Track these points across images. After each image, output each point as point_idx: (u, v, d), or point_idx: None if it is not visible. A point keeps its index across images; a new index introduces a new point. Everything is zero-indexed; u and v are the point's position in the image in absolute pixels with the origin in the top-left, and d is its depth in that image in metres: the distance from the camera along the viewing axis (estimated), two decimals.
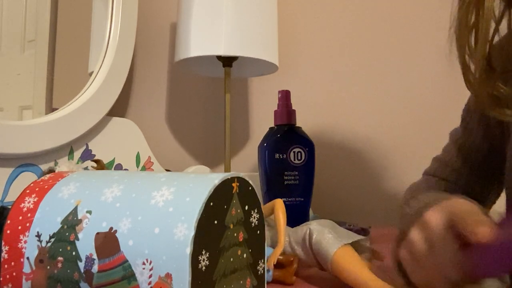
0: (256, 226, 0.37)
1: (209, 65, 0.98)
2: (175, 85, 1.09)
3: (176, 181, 0.33)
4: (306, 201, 0.71)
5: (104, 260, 0.31)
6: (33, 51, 0.72)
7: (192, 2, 0.85)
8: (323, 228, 0.46)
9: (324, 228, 0.46)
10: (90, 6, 0.83)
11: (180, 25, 0.88)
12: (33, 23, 0.72)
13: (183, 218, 0.30)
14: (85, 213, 0.34)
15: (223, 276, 0.32)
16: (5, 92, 0.68)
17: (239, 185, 0.34)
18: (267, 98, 1.06)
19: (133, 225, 0.31)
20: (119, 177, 0.36)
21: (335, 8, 1.04)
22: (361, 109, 1.02)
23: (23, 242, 0.35)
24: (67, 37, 0.78)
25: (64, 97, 0.74)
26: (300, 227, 0.49)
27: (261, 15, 0.86)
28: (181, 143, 1.08)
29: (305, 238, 0.47)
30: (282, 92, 0.73)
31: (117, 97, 0.80)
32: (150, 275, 0.29)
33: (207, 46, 0.83)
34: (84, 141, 0.75)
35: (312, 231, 0.46)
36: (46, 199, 0.36)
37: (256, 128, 1.07)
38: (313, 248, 0.46)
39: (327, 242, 0.44)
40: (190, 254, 0.28)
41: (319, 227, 0.46)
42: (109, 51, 0.81)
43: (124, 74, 0.82)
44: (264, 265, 0.38)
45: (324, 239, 0.45)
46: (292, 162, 0.69)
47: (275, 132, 0.71)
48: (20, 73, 0.70)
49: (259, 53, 0.85)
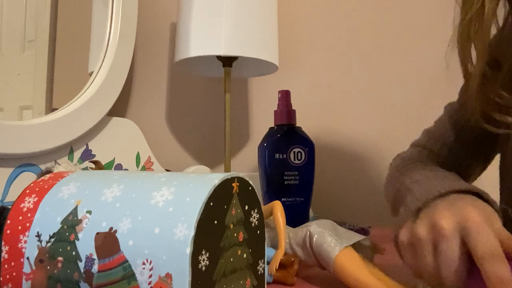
0: (256, 226, 0.37)
1: (209, 65, 0.98)
2: (175, 85, 1.09)
3: (176, 181, 0.33)
4: (306, 201, 0.71)
5: (104, 260, 0.31)
6: (33, 51, 0.72)
7: (192, 2, 0.85)
8: (323, 231, 0.46)
9: (324, 230, 0.46)
10: (90, 6, 0.83)
11: (180, 25, 0.88)
12: (33, 23, 0.72)
13: (183, 218, 0.30)
14: (85, 213, 0.34)
15: (223, 276, 0.32)
16: (5, 92, 0.68)
17: (239, 185, 0.34)
18: (267, 98, 1.06)
19: (133, 225, 0.31)
20: (119, 177, 0.36)
21: (335, 8, 1.04)
22: (361, 109, 1.02)
23: (23, 242, 0.35)
24: (67, 37, 0.78)
25: (64, 97, 0.74)
26: (300, 229, 0.49)
27: (261, 15, 0.86)
28: (181, 143, 1.08)
29: (305, 240, 0.47)
30: (282, 92, 0.73)
31: (117, 97, 0.80)
32: (150, 275, 0.29)
33: (207, 46, 0.83)
34: (84, 141, 0.75)
35: (312, 233, 0.46)
36: (46, 199, 0.36)
37: (256, 128, 1.07)
38: (314, 251, 0.46)
39: (328, 245, 0.44)
40: (190, 254, 0.28)
41: (319, 229, 0.46)
42: (109, 51, 0.80)
43: (124, 74, 0.82)
44: (264, 265, 0.38)
45: (324, 242, 0.45)
46: (292, 162, 0.69)
47: (275, 132, 0.71)
48: (20, 73, 0.70)
49: (259, 53, 0.85)
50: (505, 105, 0.46)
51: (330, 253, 0.44)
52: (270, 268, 0.45)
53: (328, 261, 0.44)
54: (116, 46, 0.80)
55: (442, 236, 0.36)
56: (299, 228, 0.49)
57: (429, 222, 0.37)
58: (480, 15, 0.44)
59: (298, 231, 0.49)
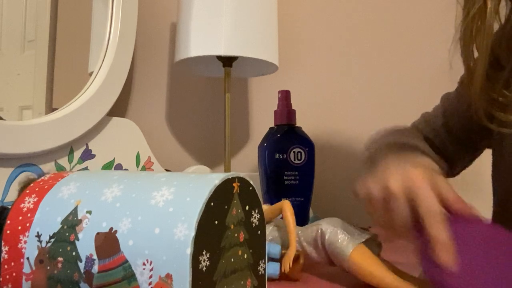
0: (257, 226, 0.36)
1: (209, 65, 0.98)
2: (175, 85, 1.09)
3: (176, 181, 0.33)
4: (306, 201, 0.71)
5: (104, 261, 0.31)
6: (33, 51, 0.72)
7: (192, 2, 0.84)
8: (335, 229, 0.47)
9: (336, 228, 0.47)
10: (90, 6, 0.83)
11: (180, 25, 0.88)
12: (33, 23, 0.72)
13: (184, 218, 0.30)
14: (85, 213, 0.34)
15: (223, 276, 0.32)
16: (5, 92, 0.67)
17: (240, 185, 0.34)
18: (267, 98, 1.06)
19: (133, 225, 0.31)
20: (119, 177, 0.36)
21: (335, 8, 1.04)
22: (361, 109, 1.02)
23: (23, 242, 0.35)
24: (67, 37, 0.78)
25: (64, 97, 0.74)
26: (310, 227, 0.50)
27: (261, 15, 0.86)
28: (181, 143, 1.08)
29: (316, 238, 0.48)
30: (282, 92, 0.73)
31: (117, 97, 0.80)
32: (151, 276, 0.29)
33: (207, 46, 0.83)
34: (84, 141, 0.75)
35: (324, 231, 0.47)
36: (46, 199, 0.36)
37: (256, 128, 1.07)
38: (327, 249, 0.47)
39: (341, 243, 0.46)
40: (190, 254, 0.28)
41: (331, 228, 0.47)
42: (109, 51, 0.80)
43: (124, 74, 0.82)
44: (265, 265, 0.38)
45: (337, 240, 0.46)
46: (292, 162, 0.69)
47: (275, 132, 0.71)
48: (20, 73, 0.70)
49: (259, 53, 0.85)
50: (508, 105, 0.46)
51: (344, 250, 0.45)
52: (284, 266, 0.46)
53: (343, 258, 0.45)
54: (116, 46, 0.80)
55: (390, 195, 0.40)
56: (307, 226, 0.50)
57: (403, 176, 0.41)
58: (482, 13, 0.45)
59: (308, 229, 0.50)
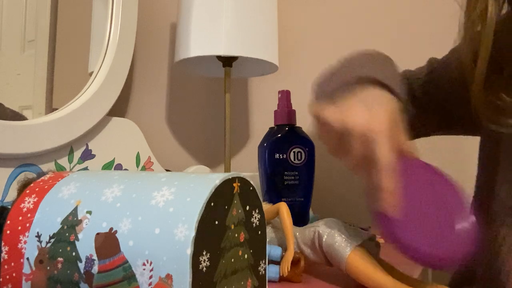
0: (257, 227, 0.36)
1: (209, 65, 0.98)
2: (175, 85, 1.08)
3: (176, 181, 0.33)
4: (306, 201, 0.71)
5: (104, 261, 0.31)
6: (33, 51, 0.72)
7: (192, 2, 0.84)
8: (332, 231, 0.46)
9: (333, 230, 0.47)
10: (90, 6, 0.83)
11: (180, 25, 0.88)
12: (33, 23, 0.72)
13: (184, 218, 0.30)
14: (85, 213, 0.34)
15: (224, 277, 0.32)
16: (5, 92, 0.67)
17: (240, 185, 0.34)
18: (267, 98, 1.06)
19: (133, 226, 0.31)
20: (119, 177, 0.36)
21: (335, 8, 1.04)
22: None
23: (23, 242, 0.35)
24: (67, 37, 0.78)
25: (64, 97, 0.74)
26: (308, 228, 0.49)
27: (261, 15, 0.86)
28: (181, 143, 1.08)
29: (314, 240, 0.48)
30: (282, 92, 0.73)
31: (117, 97, 0.80)
32: (151, 276, 0.29)
33: (207, 46, 0.83)
34: (84, 141, 0.75)
35: (321, 234, 0.47)
36: (46, 199, 0.36)
37: (256, 128, 1.07)
38: (325, 251, 0.47)
39: (338, 245, 0.45)
40: (190, 254, 0.28)
41: (328, 230, 0.47)
42: (109, 51, 0.80)
43: (124, 74, 0.82)
44: (265, 265, 0.38)
45: (335, 242, 0.46)
46: (292, 162, 0.69)
47: (275, 132, 0.71)
48: (20, 73, 0.70)
49: (259, 53, 0.85)
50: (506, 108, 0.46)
51: (342, 253, 0.45)
52: (282, 270, 0.46)
53: (340, 261, 0.45)
54: (116, 46, 0.80)
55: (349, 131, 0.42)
56: (305, 228, 0.50)
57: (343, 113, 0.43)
58: (484, 17, 0.45)
59: (305, 231, 0.49)
